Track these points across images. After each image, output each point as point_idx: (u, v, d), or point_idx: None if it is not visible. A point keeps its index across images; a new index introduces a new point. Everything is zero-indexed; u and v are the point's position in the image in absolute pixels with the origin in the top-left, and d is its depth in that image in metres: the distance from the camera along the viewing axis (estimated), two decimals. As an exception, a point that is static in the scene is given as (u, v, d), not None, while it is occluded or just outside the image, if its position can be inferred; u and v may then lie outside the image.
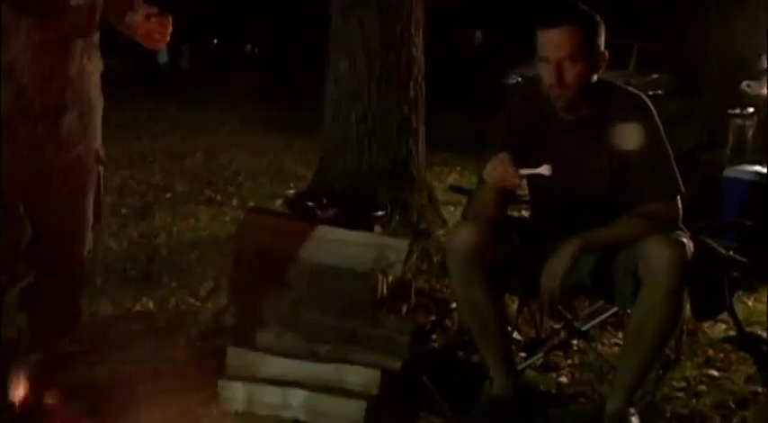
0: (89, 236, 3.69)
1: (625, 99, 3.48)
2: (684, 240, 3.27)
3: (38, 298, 3.64)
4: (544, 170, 3.35)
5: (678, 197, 3.40)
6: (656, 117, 3.45)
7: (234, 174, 8.51)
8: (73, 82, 3.47)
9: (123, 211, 6.85)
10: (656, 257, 3.20)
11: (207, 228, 6.55)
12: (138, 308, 4.65)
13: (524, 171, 3.33)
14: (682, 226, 3.41)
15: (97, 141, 3.66)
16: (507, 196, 3.55)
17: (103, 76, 3.68)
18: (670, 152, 3.44)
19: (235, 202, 7.25)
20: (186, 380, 3.67)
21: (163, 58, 27.43)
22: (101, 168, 3.70)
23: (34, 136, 3.40)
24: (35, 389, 3.30)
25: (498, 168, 3.33)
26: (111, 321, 4.39)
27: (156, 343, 4.05)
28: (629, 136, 3.41)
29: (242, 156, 9.34)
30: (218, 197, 7.53)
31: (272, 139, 10.19)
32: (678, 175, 3.41)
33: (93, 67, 3.58)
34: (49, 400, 3.29)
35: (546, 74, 3.39)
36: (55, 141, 3.44)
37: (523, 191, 3.64)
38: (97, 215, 3.70)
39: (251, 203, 4.81)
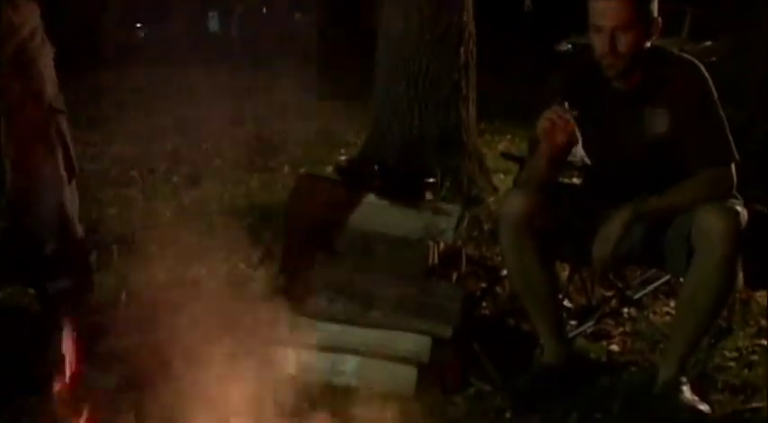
0: (65, 192, 3.63)
1: (678, 65, 3.45)
2: (738, 208, 3.25)
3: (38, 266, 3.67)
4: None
5: (732, 165, 3.37)
6: (711, 83, 3.42)
7: (284, 140, 8.51)
8: (7, 36, 3.44)
9: (174, 178, 6.89)
10: (710, 225, 3.18)
11: (257, 195, 6.56)
12: (190, 275, 4.68)
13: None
14: (736, 194, 3.38)
15: (49, 92, 3.57)
16: (559, 162, 3.53)
17: (151, 44, 3.67)
18: (724, 119, 3.41)
19: (285, 169, 7.26)
20: (239, 346, 3.69)
21: (214, 25, 27.45)
22: (61, 119, 3.61)
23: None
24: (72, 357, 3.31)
25: (553, 116, 3.32)
26: (163, 289, 4.42)
27: (208, 310, 4.08)
28: (682, 103, 3.38)
29: (293, 122, 9.33)
30: (269, 164, 7.54)
31: (322, 105, 10.18)
32: (732, 143, 3.38)
33: (22, 19, 3.52)
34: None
35: (598, 43, 3.36)
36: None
37: (575, 157, 3.63)
38: (69, 168, 3.66)
39: (302, 170, 4.81)
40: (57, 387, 3.11)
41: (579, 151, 3.40)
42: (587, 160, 3.38)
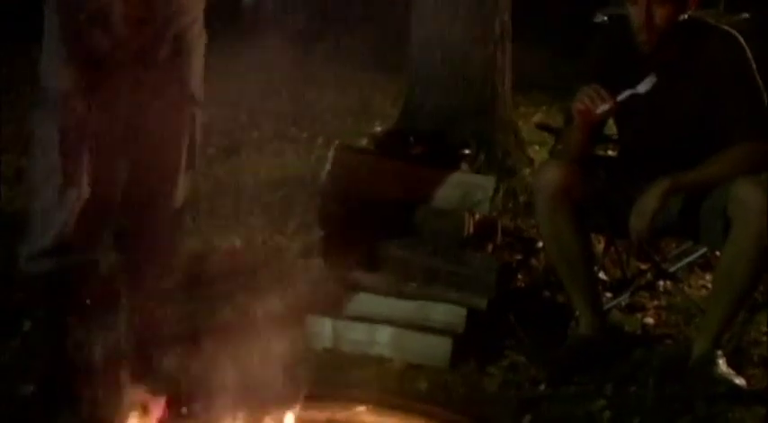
0: (182, 179, 3.52)
1: (716, 37, 3.43)
2: (776, 181, 3.23)
3: (133, 244, 3.61)
4: (641, 87, 3.32)
5: (770, 137, 3.35)
6: (749, 55, 3.39)
7: (319, 112, 8.50)
8: (169, 22, 3.29)
9: (210, 150, 6.89)
10: (747, 198, 3.17)
11: (293, 166, 6.57)
12: (225, 246, 4.70)
13: (620, 96, 3.31)
14: (774, 166, 3.36)
15: (194, 82, 3.45)
16: (595, 135, 3.53)
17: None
18: (763, 91, 3.39)
19: (320, 140, 7.24)
20: (273, 316, 3.72)
21: (248, -2, 27.41)
22: (196, 110, 3.49)
23: (128, 80, 3.20)
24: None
25: (591, 94, 3.31)
26: (199, 259, 4.44)
27: (243, 280, 4.10)
28: (720, 74, 3.36)
29: (327, 94, 9.30)
30: (304, 135, 7.54)
31: (357, 77, 10.14)
32: (771, 115, 3.36)
33: (191, 5, 3.39)
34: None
35: (634, 15, 3.34)
36: (149, 84, 3.26)
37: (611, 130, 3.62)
38: (191, 158, 3.56)
39: (337, 142, 4.81)
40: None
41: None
42: (646, 87, 3.34)
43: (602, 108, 3.32)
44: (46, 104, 3.06)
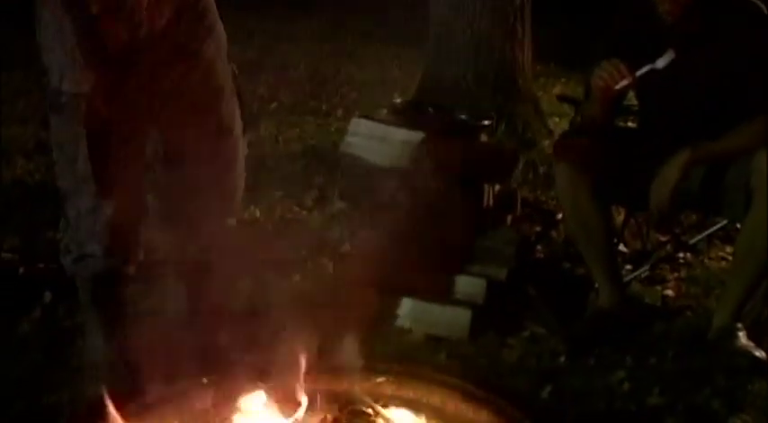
0: (241, 142, 3.28)
1: (740, 8, 3.40)
2: (799, 153, 3.21)
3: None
4: (660, 63, 3.30)
5: (794, 109, 3.33)
6: (773, 26, 3.37)
7: (339, 84, 8.49)
8: None
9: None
10: (769, 170, 3.15)
11: (312, 137, 6.57)
12: (245, 216, 4.70)
13: (639, 72, 3.29)
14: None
15: (224, 39, 3.20)
16: (615, 106, 3.51)
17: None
18: (787, 64, 3.36)
19: (340, 112, 7.25)
20: (293, 286, 3.73)
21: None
22: (233, 66, 3.28)
23: (154, 66, 2.95)
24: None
25: (611, 69, 3.29)
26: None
27: (263, 251, 4.10)
28: (743, 46, 3.34)
29: (347, 66, 9.29)
30: (324, 107, 7.54)
31: (376, 49, 10.13)
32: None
33: None
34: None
35: (657, -15, 3.32)
36: (182, 55, 2.99)
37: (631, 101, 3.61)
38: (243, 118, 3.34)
39: (356, 113, 4.81)
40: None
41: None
42: (665, 62, 3.32)
43: (622, 83, 3.31)
44: (64, 110, 2.88)
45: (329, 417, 2.49)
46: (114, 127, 2.89)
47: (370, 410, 2.53)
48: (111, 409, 2.29)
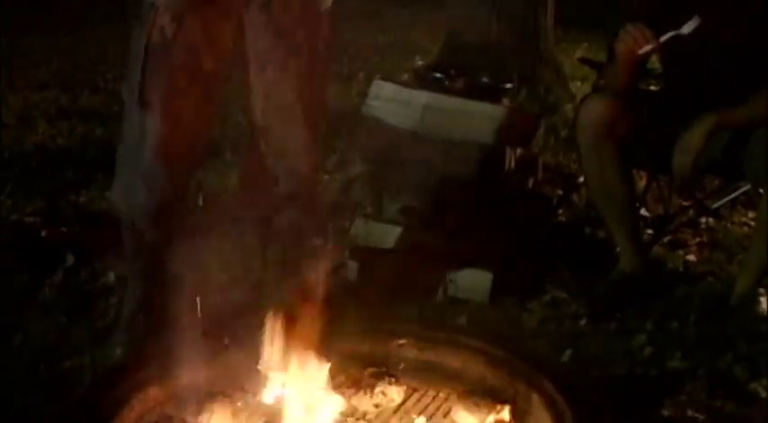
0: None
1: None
2: (824, 117, 3.19)
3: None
4: (685, 28, 3.27)
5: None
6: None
7: (360, 48, 8.47)
8: None
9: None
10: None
11: (334, 101, 6.55)
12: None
13: (663, 37, 3.27)
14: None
15: None
16: (638, 69, 3.48)
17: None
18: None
19: (361, 76, 7.22)
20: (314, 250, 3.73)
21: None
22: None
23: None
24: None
25: (635, 34, 3.27)
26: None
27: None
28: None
29: (368, 30, 9.26)
30: (345, 71, 7.52)
31: (397, 12, 10.09)
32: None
33: None
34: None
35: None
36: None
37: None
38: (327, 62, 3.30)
39: (377, 77, 4.78)
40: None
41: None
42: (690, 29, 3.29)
43: (646, 48, 3.29)
44: (141, 20, 2.78)
45: (350, 378, 2.49)
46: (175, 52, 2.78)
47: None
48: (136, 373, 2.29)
